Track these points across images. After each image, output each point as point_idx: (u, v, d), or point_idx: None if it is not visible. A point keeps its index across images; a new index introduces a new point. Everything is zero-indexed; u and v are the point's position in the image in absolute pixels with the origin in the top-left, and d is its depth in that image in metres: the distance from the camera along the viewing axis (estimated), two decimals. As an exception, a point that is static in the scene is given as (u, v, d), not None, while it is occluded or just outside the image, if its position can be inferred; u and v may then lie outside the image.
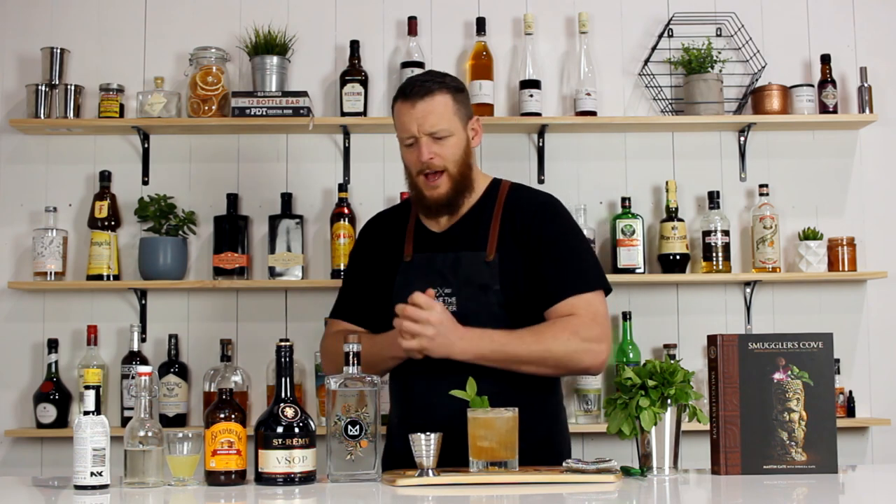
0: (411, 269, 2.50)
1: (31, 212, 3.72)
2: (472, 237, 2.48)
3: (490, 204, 2.52)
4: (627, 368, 2.07)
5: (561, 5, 3.83)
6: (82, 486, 1.93)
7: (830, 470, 2.05)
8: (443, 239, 2.52)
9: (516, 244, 2.45)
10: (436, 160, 2.44)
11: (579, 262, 2.48)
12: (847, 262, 3.65)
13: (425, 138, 2.43)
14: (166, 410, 3.56)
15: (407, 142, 2.47)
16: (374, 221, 2.72)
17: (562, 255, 2.45)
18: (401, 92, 2.49)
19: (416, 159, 2.46)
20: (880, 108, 3.76)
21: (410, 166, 2.49)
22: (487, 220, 2.49)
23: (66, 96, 3.65)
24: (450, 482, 1.97)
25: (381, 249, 2.60)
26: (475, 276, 2.43)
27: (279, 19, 3.78)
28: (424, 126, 2.43)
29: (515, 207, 2.50)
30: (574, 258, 2.48)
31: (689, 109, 3.70)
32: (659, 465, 2.05)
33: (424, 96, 2.44)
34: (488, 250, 2.45)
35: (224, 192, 3.70)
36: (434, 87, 2.45)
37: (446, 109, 2.45)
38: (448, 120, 2.44)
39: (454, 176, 2.46)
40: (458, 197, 2.49)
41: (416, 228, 2.56)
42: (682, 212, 3.70)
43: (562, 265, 2.44)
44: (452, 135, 2.45)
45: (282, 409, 1.99)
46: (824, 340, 2.09)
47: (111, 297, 3.71)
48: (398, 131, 2.50)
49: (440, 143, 2.44)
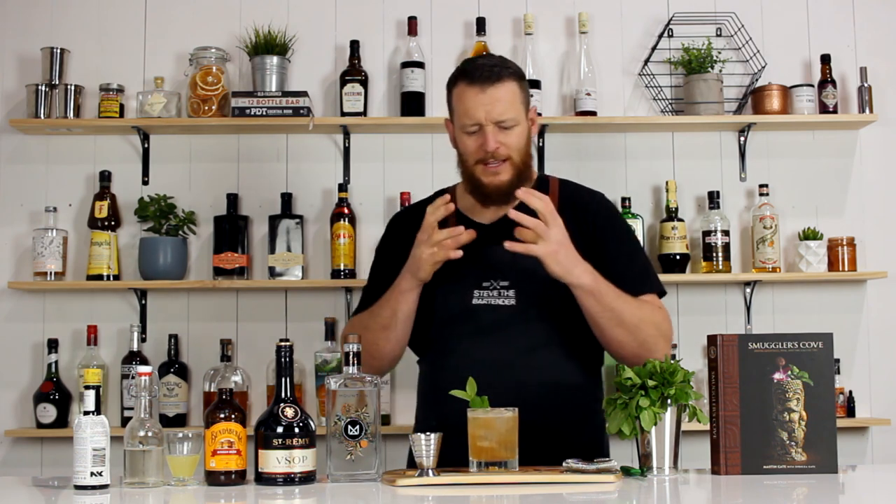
0: (459, 261, 2.30)
1: (31, 212, 3.72)
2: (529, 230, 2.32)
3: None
4: (627, 368, 2.07)
5: (561, 5, 3.83)
6: (82, 486, 1.93)
7: (830, 470, 2.05)
8: (494, 231, 2.36)
9: (580, 240, 2.31)
10: (501, 150, 2.31)
11: (642, 263, 2.44)
12: (847, 262, 3.65)
13: (491, 126, 2.30)
14: (166, 410, 3.56)
15: (470, 129, 2.32)
16: (406, 215, 2.56)
17: (627, 255, 2.40)
18: (464, 74, 2.34)
19: (477, 147, 2.32)
20: (880, 108, 3.76)
21: (468, 154, 2.34)
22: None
23: (66, 96, 3.65)
24: (450, 482, 1.97)
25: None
26: (538, 268, 2.26)
27: (279, 19, 3.78)
28: (493, 114, 2.29)
29: (572, 203, 2.41)
30: (638, 258, 2.43)
31: (689, 109, 3.70)
32: (659, 465, 2.05)
33: (495, 82, 2.30)
34: None
35: (224, 192, 3.70)
36: (503, 73, 2.32)
37: (514, 97, 2.33)
38: (516, 108, 2.32)
39: (517, 164, 2.34)
40: (518, 186, 2.32)
41: (459, 220, 2.39)
42: (682, 212, 3.70)
43: (629, 264, 2.38)
44: (518, 124, 2.33)
45: (282, 409, 1.99)
46: (824, 340, 2.09)
47: (111, 297, 3.71)
48: (459, 116, 2.35)
49: (506, 132, 2.31)
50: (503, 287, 2.32)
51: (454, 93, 2.36)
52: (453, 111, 2.38)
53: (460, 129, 2.35)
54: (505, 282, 2.32)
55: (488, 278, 2.32)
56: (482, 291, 2.33)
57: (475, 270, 2.33)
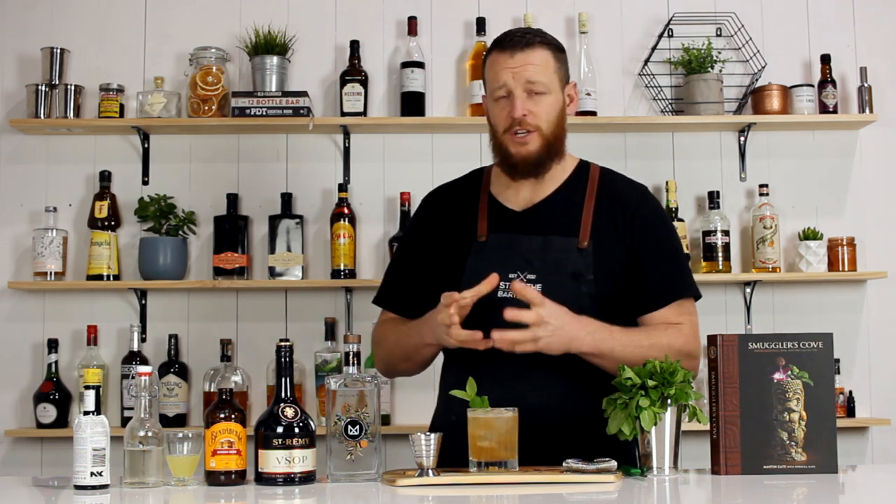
0: (486, 249, 2.27)
1: (31, 212, 3.72)
2: (560, 220, 2.28)
3: (580, 186, 2.33)
4: (627, 368, 2.07)
5: (561, 5, 3.83)
6: (82, 486, 1.93)
7: (830, 470, 2.05)
8: (525, 219, 2.30)
9: (615, 235, 2.26)
10: (529, 118, 2.22)
11: (680, 265, 2.35)
12: (847, 262, 3.65)
13: (520, 92, 2.21)
14: (166, 410, 3.56)
15: (498, 93, 2.24)
16: (439, 194, 2.45)
17: (666, 257, 2.31)
18: (496, 43, 2.27)
19: (506, 115, 2.23)
20: (880, 108, 3.76)
21: (498, 123, 2.26)
22: (578, 203, 2.30)
23: (66, 96, 3.65)
24: (450, 482, 1.97)
25: (449, 226, 2.36)
26: (566, 262, 2.22)
27: (279, 19, 3.78)
28: (521, 77, 2.21)
29: (612, 195, 2.32)
30: (676, 260, 2.34)
31: (689, 109, 3.70)
32: (659, 465, 2.05)
33: (525, 48, 2.22)
34: (581, 236, 2.26)
35: (224, 192, 3.70)
36: (535, 39, 2.25)
37: (547, 64, 2.24)
38: (547, 76, 2.23)
39: (546, 136, 2.24)
40: (547, 160, 2.26)
41: (490, 205, 2.33)
42: (682, 212, 3.70)
43: (664, 267, 2.30)
44: (549, 93, 2.23)
45: (282, 409, 1.99)
46: (824, 340, 2.09)
47: (111, 297, 3.71)
48: (489, 83, 2.27)
49: (536, 99, 2.22)
50: (529, 280, 2.23)
51: (487, 62, 2.29)
52: (485, 81, 2.31)
53: (490, 97, 2.28)
54: (532, 275, 2.24)
55: (515, 270, 2.24)
56: (508, 284, 2.23)
57: (508, 260, 2.25)
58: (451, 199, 2.40)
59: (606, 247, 2.26)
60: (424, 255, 2.37)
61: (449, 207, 2.39)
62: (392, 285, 2.43)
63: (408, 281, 2.40)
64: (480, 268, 2.24)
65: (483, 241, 2.29)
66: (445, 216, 2.37)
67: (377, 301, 2.45)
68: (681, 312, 2.31)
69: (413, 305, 2.36)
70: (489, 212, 2.32)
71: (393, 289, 2.43)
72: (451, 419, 2.20)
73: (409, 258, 2.41)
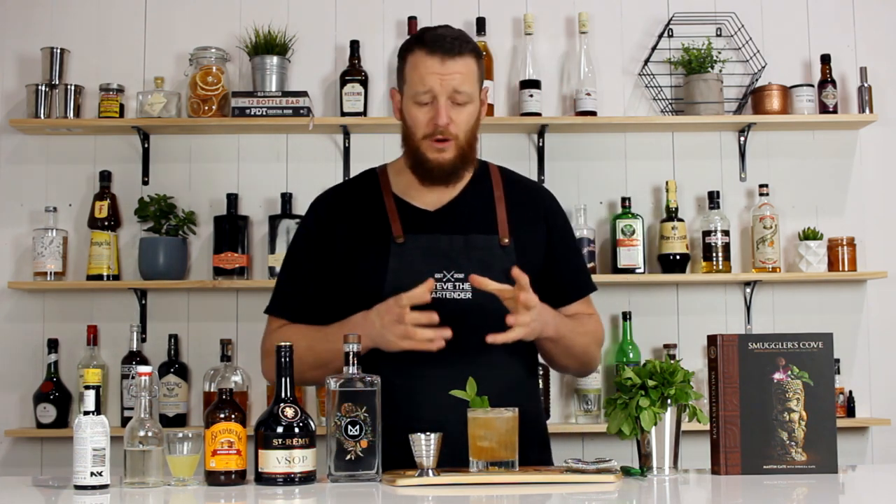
0: (406, 251, 2.24)
1: (31, 212, 3.72)
2: (477, 218, 2.29)
3: (485, 185, 2.35)
4: (627, 368, 2.07)
5: (561, 5, 3.83)
6: (82, 486, 1.93)
7: (830, 470, 2.05)
8: (439, 218, 2.29)
9: (530, 231, 2.31)
10: (451, 126, 2.21)
11: (583, 261, 2.49)
12: (847, 262, 3.65)
13: (445, 100, 2.20)
14: (166, 410, 3.56)
15: (422, 98, 2.22)
16: (332, 196, 2.42)
17: (573, 253, 2.42)
18: (422, 42, 2.23)
19: (428, 120, 2.21)
20: (880, 108, 3.76)
21: (417, 126, 2.23)
22: (489, 201, 2.32)
23: (66, 96, 3.65)
24: (450, 482, 1.97)
25: (351, 230, 2.31)
26: (492, 260, 2.23)
27: (279, 19, 3.78)
28: (448, 85, 2.20)
29: (520, 193, 2.37)
30: (581, 256, 2.48)
31: (689, 109, 3.70)
32: (659, 465, 2.05)
33: (455, 56, 2.21)
34: (501, 233, 2.28)
35: (224, 192, 3.70)
36: (465, 47, 2.23)
37: (471, 74, 2.23)
38: (471, 85, 2.23)
39: (462, 145, 2.24)
40: (462, 167, 2.27)
41: (398, 205, 2.31)
42: (682, 212, 3.70)
43: (577, 262, 2.42)
44: (471, 101, 2.24)
45: (282, 409, 1.99)
46: (824, 340, 2.09)
47: (111, 297, 3.71)
48: (412, 84, 2.23)
49: (458, 108, 2.22)
50: (458, 279, 2.22)
51: (409, 60, 2.24)
52: (405, 80, 2.26)
53: (411, 98, 2.24)
54: (459, 274, 2.22)
55: (441, 270, 2.22)
56: (436, 284, 2.20)
57: (425, 262, 2.22)
58: (348, 202, 2.35)
59: (524, 243, 2.30)
60: (325, 261, 2.30)
61: (347, 210, 2.33)
62: (289, 292, 2.34)
63: (308, 288, 2.32)
64: (403, 269, 2.22)
65: (401, 243, 2.25)
66: (345, 219, 2.32)
67: (272, 310, 2.36)
68: (589, 304, 2.41)
69: (313, 313, 2.31)
70: (399, 213, 2.29)
71: (291, 296, 2.34)
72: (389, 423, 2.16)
73: (307, 264, 2.33)
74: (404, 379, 2.18)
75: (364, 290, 2.22)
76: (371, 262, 2.25)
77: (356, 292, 2.24)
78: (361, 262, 2.26)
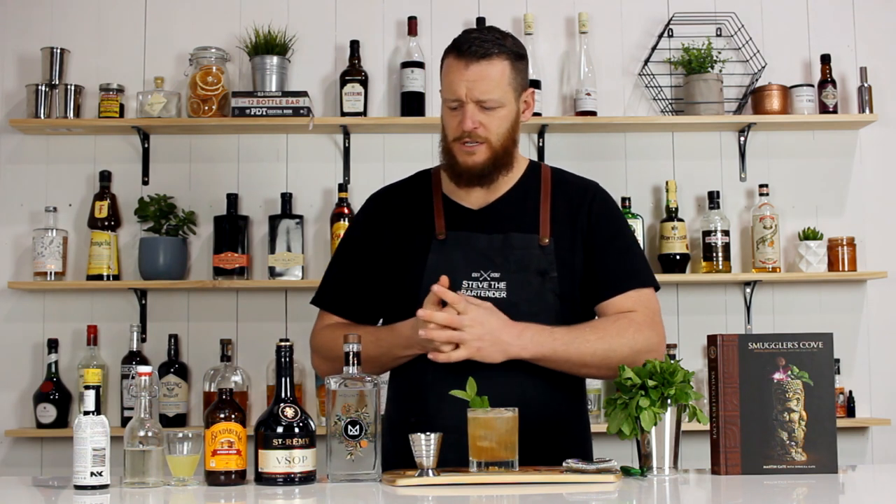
0: (446, 248, 2.23)
1: (31, 212, 3.72)
2: (519, 218, 2.26)
3: (534, 185, 2.31)
4: (627, 368, 2.07)
5: (561, 5, 3.83)
6: (82, 486, 1.93)
7: (830, 470, 2.05)
8: (482, 217, 2.27)
9: (572, 231, 2.26)
10: (479, 130, 2.19)
11: (635, 256, 2.33)
12: (847, 262, 3.65)
13: (472, 105, 2.17)
14: (166, 410, 3.56)
15: (451, 104, 2.20)
16: (387, 194, 2.40)
17: (619, 247, 2.29)
18: (455, 47, 2.21)
19: (457, 124, 2.20)
20: (880, 108, 3.76)
21: (448, 129, 2.23)
22: (535, 201, 2.28)
23: (66, 96, 3.65)
24: (450, 482, 1.97)
25: (402, 226, 2.31)
26: (530, 260, 2.20)
27: (279, 19, 3.78)
28: (474, 92, 2.17)
29: (566, 191, 2.31)
30: (631, 252, 2.32)
31: (689, 109, 3.70)
32: (659, 465, 2.05)
33: (481, 59, 2.17)
34: (541, 233, 2.24)
35: (224, 192, 3.70)
36: (493, 49, 2.18)
37: (502, 78, 2.18)
38: (502, 90, 2.18)
39: (495, 148, 2.21)
40: (494, 171, 2.23)
41: (445, 203, 2.30)
42: (682, 212, 3.70)
43: (620, 257, 2.28)
44: (503, 106, 2.19)
45: (282, 409, 1.99)
46: (824, 340, 2.09)
47: (111, 297, 3.71)
48: (444, 90, 2.23)
49: (487, 113, 2.18)
50: (494, 278, 2.21)
51: (444, 64, 2.24)
52: (442, 84, 2.26)
53: (444, 102, 2.24)
54: (495, 273, 2.21)
55: (478, 268, 2.21)
56: (471, 283, 2.21)
57: (464, 260, 2.22)
58: (401, 199, 2.35)
59: (566, 243, 2.25)
60: (375, 256, 2.31)
61: (400, 207, 2.34)
62: (337, 286, 2.36)
63: (356, 282, 2.34)
64: (441, 265, 2.21)
65: (442, 239, 2.25)
66: (397, 216, 2.32)
67: (319, 303, 2.38)
68: (637, 301, 2.26)
69: (359, 308, 2.33)
70: (445, 210, 2.29)
71: (339, 290, 2.36)
72: (411, 420, 2.20)
73: (356, 259, 2.34)
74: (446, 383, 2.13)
75: (403, 284, 2.24)
76: (412, 258, 2.26)
77: (397, 286, 2.26)
78: (404, 257, 2.28)
